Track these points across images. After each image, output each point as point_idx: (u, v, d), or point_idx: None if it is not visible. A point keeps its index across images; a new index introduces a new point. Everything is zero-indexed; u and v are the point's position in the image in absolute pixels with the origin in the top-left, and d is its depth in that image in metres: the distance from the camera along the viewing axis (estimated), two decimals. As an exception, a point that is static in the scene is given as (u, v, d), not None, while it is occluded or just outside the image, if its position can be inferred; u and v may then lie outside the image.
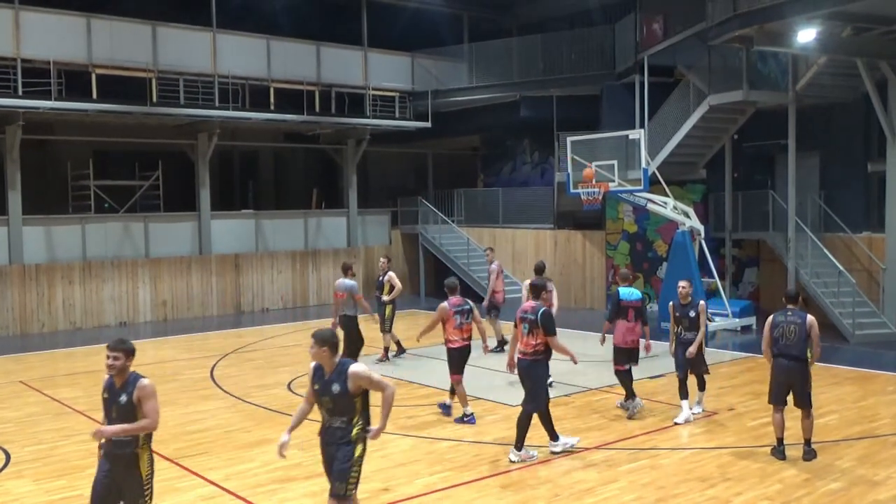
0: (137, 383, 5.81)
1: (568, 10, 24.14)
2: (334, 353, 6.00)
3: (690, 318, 10.08)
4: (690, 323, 10.08)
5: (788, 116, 17.44)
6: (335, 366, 5.98)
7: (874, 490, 7.71)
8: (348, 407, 5.95)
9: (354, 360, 6.07)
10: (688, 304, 10.13)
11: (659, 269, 19.93)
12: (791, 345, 8.47)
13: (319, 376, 6.04)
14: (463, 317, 10.18)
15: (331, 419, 6.03)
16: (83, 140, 21.48)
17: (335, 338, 6.04)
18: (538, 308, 8.65)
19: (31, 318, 18.83)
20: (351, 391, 5.91)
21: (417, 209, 25.60)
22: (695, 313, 10.06)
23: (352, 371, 5.91)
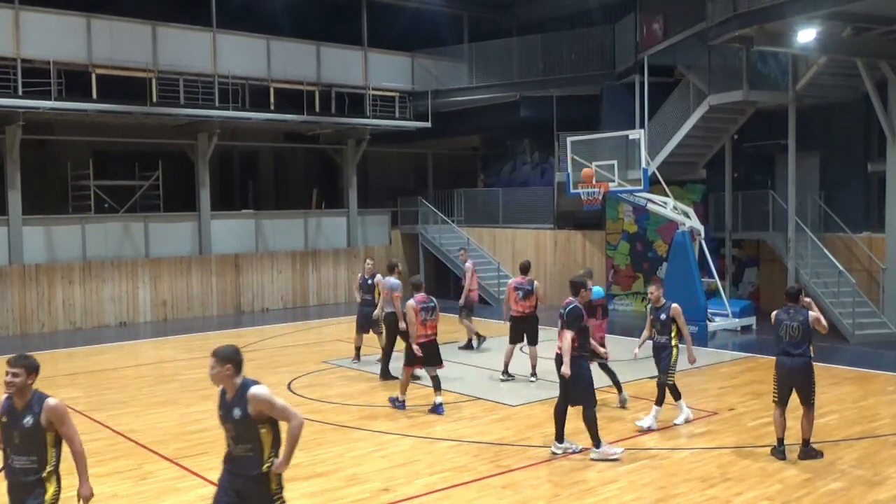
0: (44, 404, 5.23)
1: (568, 10, 24.14)
2: (238, 372, 5.26)
3: (662, 321, 9.81)
4: (662, 326, 9.80)
5: (788, 116, 17.45)
6: (237, 387, 5.22)
7: (874, 490, 7.71)
8: (252, 434, 5.17)
9: (257, 382, 5.26)
10: (660, 307, 9.89)
11: (659, 269, 19.92)
12: (794, 343, 8.49)
13: (223, 401, 5.30)
14: (427, 313, 10.63)
15: (235, 447, 5.27)
16: (83, 140, 21.48)
17: (239, 355, 5.33)
18: (570, 304, 8.80)
19: (31, 318, 18.83)
20: (253, 416, 5.15)
21: (417, 209, 25.61)
22: (666, 316, 9.77)
23: (251, 393, 5.16)
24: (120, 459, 9.00)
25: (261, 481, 5.19)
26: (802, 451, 8.57)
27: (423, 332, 10.64)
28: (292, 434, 5.14)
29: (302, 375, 13.34)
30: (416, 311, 10.57)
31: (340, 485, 8.05)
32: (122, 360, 15.29)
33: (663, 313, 9.83)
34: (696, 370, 13.50)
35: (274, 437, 5.23)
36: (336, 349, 15.62)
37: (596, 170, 17.45)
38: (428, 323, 10.66)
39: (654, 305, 9.99)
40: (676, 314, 9.76)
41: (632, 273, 20.75)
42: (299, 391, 12.21)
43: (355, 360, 14.20)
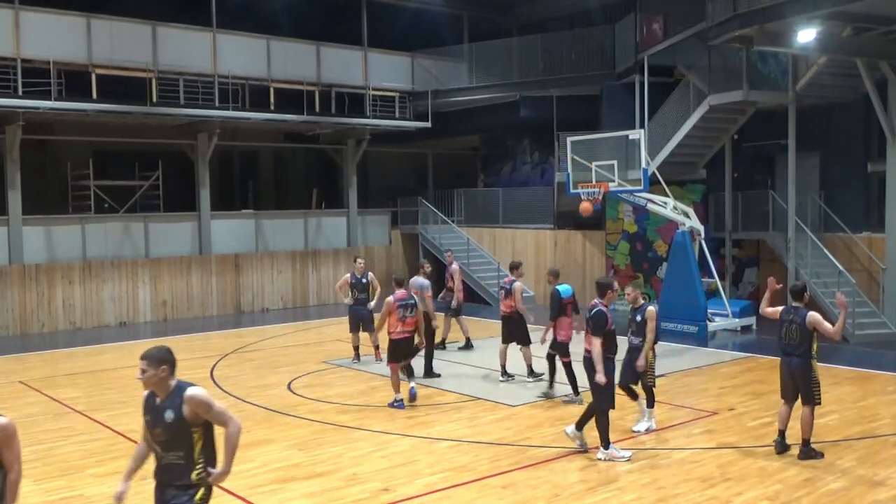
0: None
1: (568, 10, 24.14)
2: (173, 374, 5.01)
3: (637, 322, 9.70)
4: (637, 328, 9.69)
5: (788, 116, 17.45)
6: (171, 389, 4.96)
7: (874, 490, 7.71)
8: (184, 439, 4.92)
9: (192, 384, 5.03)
10: (637, 309, 9.79)
11: (659, 269, 19.93)
12: (793, 344, 8.59)
13: (151, 404, 5.04)
14: (406, 310, 10.81)
15: (165, 454, 5.00)
16: (83, 140, 21.48)
17: (172, 354, 5.05)
18: (594, 307, 8.87)
19: (31, 318, 18.83)
20: (188, 419, 4.89)
21: (417, 209, 25.60)
22: (641, 318, 9.65)
23: (189, 394, 4.91)
24: (120, 459, 8.98)
25: (189, 489, 4.95)
26: (802, 451, 8.59)
27: (402, 328, 10.82)
28: (231, 440, 4.93)
29: (302, 375, 13.34)
30: (394, 307, 10.75)
31: (340, 485, 8.05)
32: (122, 360, 15.27)
33: (639, 315, 9.73)
34: (696, 370, 13.54)
35: (205, 443, 4.98)
36: (336, 349, 15.62)
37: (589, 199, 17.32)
38: (406, 320, 10.84)
39: (632, 307, 9.90)
40: (649, 317, 9.58)
41: (632, 273, 20.74)
42: (299, 391, 12.21)
43: (355, 360, 14.21)
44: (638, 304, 9.83)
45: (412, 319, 10.91)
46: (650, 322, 9.56)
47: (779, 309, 8.91)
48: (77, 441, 9.73)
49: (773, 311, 8.96)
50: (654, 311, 9.69)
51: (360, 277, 14.22)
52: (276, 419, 10.60)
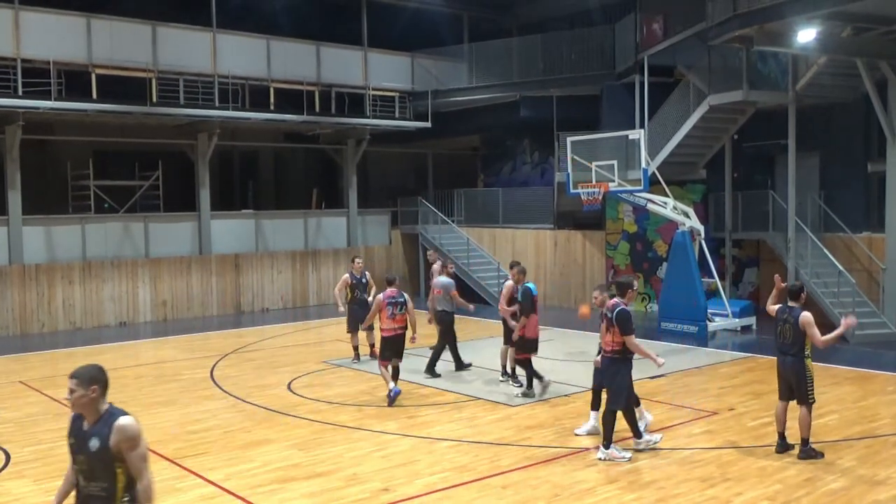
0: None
1: (568, 10, 24.13)
2: (104, 395, 4.65)
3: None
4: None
5: (788, 116, 17.45)
6: (101, 414, 4.58)
7: (874, 490, 7.71)
8: (108, 471, 4.47)
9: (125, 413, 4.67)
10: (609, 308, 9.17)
11: (659, 269, 19.93)
12: (787, 343, 8.70)
13: (77, 428, 4.68)
14: (395, 308, 11.17)
15: (86, 484, 4.58)
16: (83, 140, 21.49)
17: (104, 374, 4.70)
18: (616, 307, 8.80)
19: (31, 318, 18.84)
20: (113, 450, 4.47)
21: (417, 209, 25.60)
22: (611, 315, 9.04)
23: (120, 424, 4.50)
24: (120, 459, 8.99)
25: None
26: (801, 450, 8.62)
27: (392, 325, 11.19)
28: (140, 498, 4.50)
29: (302, 375, 13.35)
30: (383, 305, 11.18)
31: (340, 485, 8.05)
32: (122, 360, 15.28)
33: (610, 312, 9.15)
34: (697, 370, 13.53)
35: (129, 479, 4.54)
36: (336, 349, 15.63)
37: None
38: (396, 317, 11.18)
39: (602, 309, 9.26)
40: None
41: (632, 273, 20.72)
42: (299, 391, 12.21)
43: (355, 360, 14.22)
44: (607, 306, 9.31)
45: (402, 317, 11.20)
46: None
47: (777, 308, 8.96)
48: (77, 441, 9.72)
49: (774, 310, 9.01)
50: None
51: (360, 277, 14.29)
52: (276, 419, 10.60)
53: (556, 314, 19.84)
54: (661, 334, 16.96)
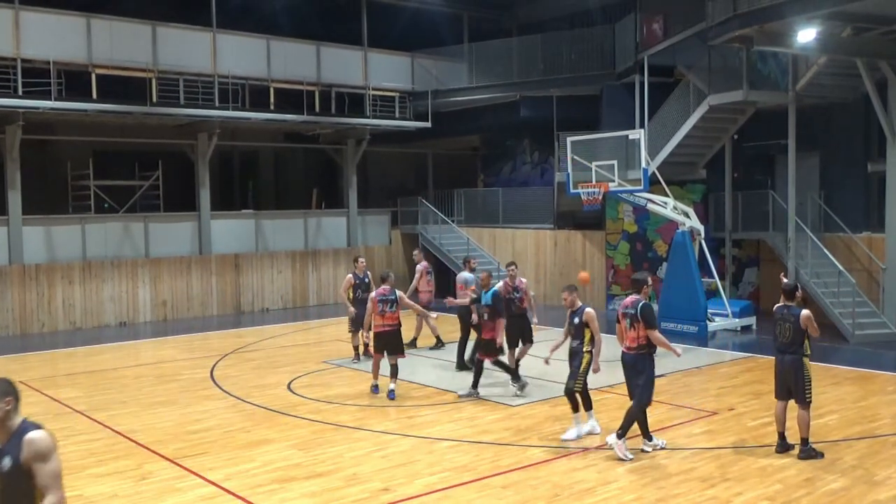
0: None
1: (568, 10, 24.14)
2: (17, 408, 4.40)
3: (575, 325, 9.36)
4: (576, 330, 9.38)
5: (788, 116, 17.44)
6: (14, 430, 4.26)
7: (874, 490, 7.71)
8: (22, 491, 4.14)
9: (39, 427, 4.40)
10: (575, 311, 9.42)
11: (659, 269, 19.93)
12: (786, 342, 8.70)
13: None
14: (386, 305, 11.56)
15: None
16: (83, 140, 21.49)
17: (14, 387, 4.45)
18: (638, 302, 8.97)
19: (31, 318, 18.84)
20: (24, 467, 4.15)
21: (417, 209, 25.60)
22: (579, 320, 9.30)
23: (30, 438, 4.18)
24: (120, 459, 9.01)
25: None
26: (801, 450, 8.62)
27: (381, 322, 11.60)
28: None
29: (302, 375, 13.34)
30: (375, 301, 11.64)
31: (340, 485, 8.05)
32: (122, 360, 15.28)
33: (577, 317, 9.40)
34: (697, 370, 13.53)
35: None
36: (336, 349, 15.63)
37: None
38: (386, 314, 11.57)
39: (570, 310, 9.50)
40: (589, 319, 9.28)
41: (632, 273, 20.72)
42: (299, 391, 12.21)
43: (355, 360, 14.23)
44: (575, 306, 9.46)
45: (392, 314, 11.58)
46: (592, 323, 9.29)
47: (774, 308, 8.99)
48: (77, 441, 9.73)
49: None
50: (594, 313, 9.42)
51: (363, 277, 14.32)
52: (276, 419, 10.60)
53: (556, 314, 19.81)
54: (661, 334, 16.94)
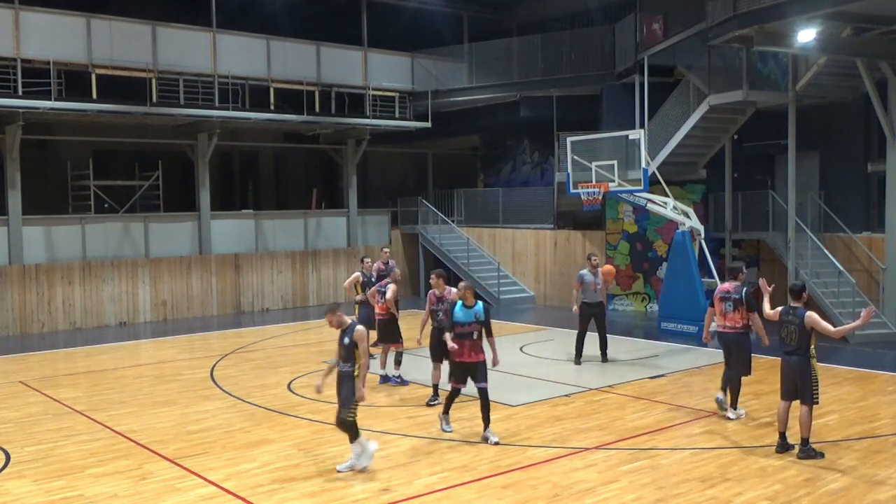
0: None
1: (568, 10, 24.16)
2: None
3: (345, 345, 8.30)
4: (346, 352, 8.32)
5: (788, 116, 17.44)
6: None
7: (874, 490, 7.71)
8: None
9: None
10: (345, 330, 8.35)
11: (659, 269, 19.93)
12: (792, 344, 8.69)
13: None
14: (380, 296, 12.67)
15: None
16: (83, 140, 21.49)
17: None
18: (740, 288, 10.12)
19: (31, 318, 18.83)
20: None
21: (417, 209, 25.61)
22: (349, 340, 8.27)
23: None
24: (120, 459, 9.00)
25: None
26: (801, 450, 8.63)
27: (377, 310, 12.65)
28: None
29: (302, 375, 13.34)
30: (373, 294, 12.77)
31: (340, 485, 8.05)
32: (122, 360, 15.29)
33: (346, 337, 8.35)
34: (697, 370, 13.53)
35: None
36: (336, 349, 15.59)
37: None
38: (380, 304, 12.59)
39: (340, 329, 8.46)
40: (359, 338, 8.30)
41: (632, 273, 20.74)
42: (299, 391, 12.21)
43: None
44: (344, 325, 8.41)
45: (382, 304, 12.55)
46: (361, 343, 8.27)
47: (780, 309, 8.97)
48: (77, 441, 9.73)
49: (775, 313, 9.03)
50: (364, 331, 8.40)
51: (370, 276, 14.31)
52: (276, 419, 10.60)
53: (556, 314, 19.83)
54: (661, 334, 16.97)
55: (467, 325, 9.47)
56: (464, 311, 9.52)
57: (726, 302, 10.11)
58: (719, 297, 10.20)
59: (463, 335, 9.48)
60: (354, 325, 8.39)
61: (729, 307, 10.09)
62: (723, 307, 10.16)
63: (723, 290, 10.21)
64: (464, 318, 9.47)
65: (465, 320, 9.47)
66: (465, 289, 9.68)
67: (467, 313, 9.50)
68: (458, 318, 9.50)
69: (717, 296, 10.24)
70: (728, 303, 10.09)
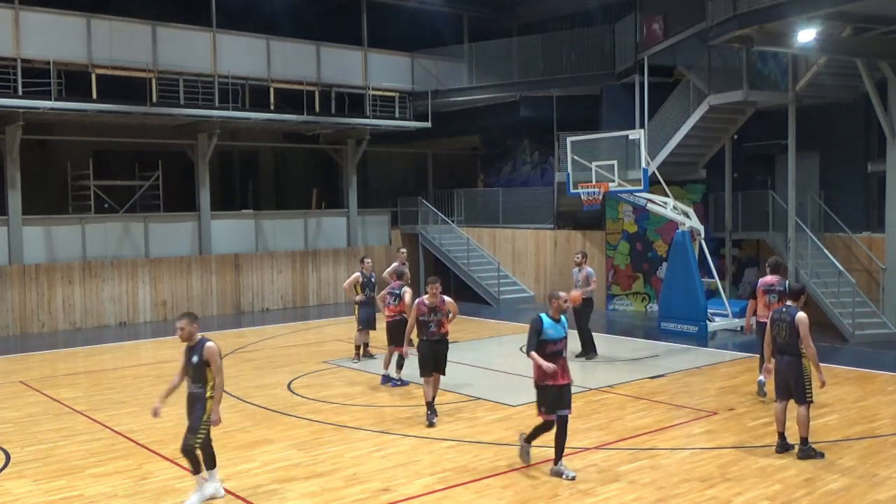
0: None
1: (568, 10, 24.15)
2: None
3: (194, 364, 7.53)
4: (195, 371, 7.54)
5: (788, 116, 17.44)
6: None
7: (874, 490, 7.71)
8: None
9: None
10: (193, 347, 7.56)
11: (659, 269, 19.93)
12: (784, 342, 8.75)
13: None
14: (391, 298, 12.58)
15: None
16: (83, 140, 21.48)
17: None
18: (783, 281, 10.73)
19: (31, 318, 18.83)
20: None
21: (417, 209, 25.61)
22: (199, 359, 7.49)
23: None
24: (120, 459, 9.01)
25: None
26: (800, 450, 8.65)
27: (388, 311, 12.61)
28: None
29: (302, 375, 13.34)
30: (385, 295, 12.67)
31: (340, 485, 8.05)
32: (122, 360, 15.28)
33: (195, 355, 7.54)
34: (696, 370, 13.53)
35: None
36: (336, 349, 15.63)
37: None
38: (390, 306, 12.56)
39: (187, 345, 7.63)
40: (211, 356, 7.48)
41: (632, 273, 20.74)
42: (299, 391, 12.21)
43: (355, 360, 14.24)
44: (193, 340, 7.58)
45: (394, 307, 12.50)
46: (213, 362, 7.51)
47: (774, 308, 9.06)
48: (77, 441, 9.73)
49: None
50: (216, 348, 7.58)
51: (370, 276, 14.36)
52: (276, 419, 10.60)
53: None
54: (661, 334, 16.97)
55: (560, 342, 8.23)
56: (554, 326, 8.22)
57: (770, 294, 10.82)
58: (762, 289, 10.97)
59: (555, 354, 8.19)
60: (205, 342, 7.53)
61: (773, 298, 10.70)
62: (767, 299, 10.84)
63: (767, 282, 10.97)
64: (556, 333, 8.19)
65: (557, 336, 8.20)
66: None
67: (557, 328, 8.22)
68: (549, 335, 8.16)
69: (761, 288, 11.00)
70: (772, 294, 10.78)
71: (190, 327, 7.55)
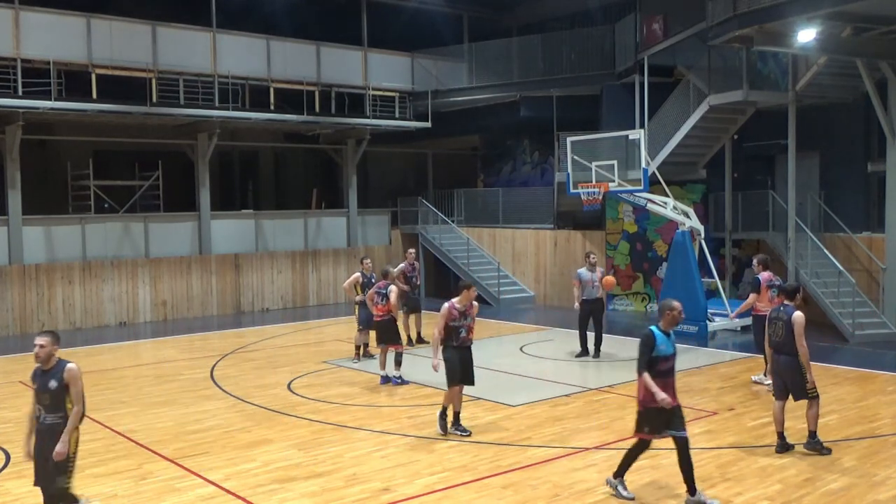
0: None
1: (568, 10, 24.15)
2: None
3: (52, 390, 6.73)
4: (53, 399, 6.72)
5: (788, 116, 17.44)
6: None
7: (874, 490, 7.71)
8: None
9: None
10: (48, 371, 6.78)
11: (659, 269, 19.93)
12: (781, 342, 8.78)
13: None
14: (379, 297, 12.77)
15: None
16: (83, 140, 21.48)
17: None
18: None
19: (31, 318, 18.83)
20: None
21: (417, 209, 25.61)
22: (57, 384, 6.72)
23: None
24: (120, 459, 9.01)
25: None
26: (808, 441, 8.73)
27: (376, 312, 12.69)
28: None
29: (302, 375, 13.35)
30: (371, 296, 12.84)
31: (340, 485, 8.05)
32: (122, 360, 15.28)
33: (52, 379, 6.63)
34: (696, 370, 13.53)
35: None
36: (336, 349, 15.63)
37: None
38: (378, 305, 12.70)
39: (40, 368, 6.75)
40: (72, 379, 6.67)
41: (632, 273, 20.75)
42: (299, 391, 12.21)
43: (356, 360, 14.24)
44: (50, 363, 6.76)
45: (382, 306, 12.63)
46: (75, 384, 6.73)
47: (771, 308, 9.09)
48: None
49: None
50: (77, 371, 6.79)
51: (370, 276, 14.35)
52: (276, 419, 10.60)
53: (556, 314, 19.85)
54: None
55: (671, 358, 7.35)
56: (666, 342, 7.33)
57: (773, 289, 11.62)
58: (766, 285, 11.94)
59: (667, 372, 7.32)
60: (65, 365, 6.66)
61: (775, 293, 11.23)
62: (770, 293, 11.69)
63: (768, 278, 12.04)
64: (667, 349, 7.31)
65: (668, 352, 7.32)
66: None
67: (668, 343, 7.34)
68: (661, 351, 7.26)
69: (765, 284, 11.96)
70: (774, 289, 11.47)
71: (51, 347, 6.70)
